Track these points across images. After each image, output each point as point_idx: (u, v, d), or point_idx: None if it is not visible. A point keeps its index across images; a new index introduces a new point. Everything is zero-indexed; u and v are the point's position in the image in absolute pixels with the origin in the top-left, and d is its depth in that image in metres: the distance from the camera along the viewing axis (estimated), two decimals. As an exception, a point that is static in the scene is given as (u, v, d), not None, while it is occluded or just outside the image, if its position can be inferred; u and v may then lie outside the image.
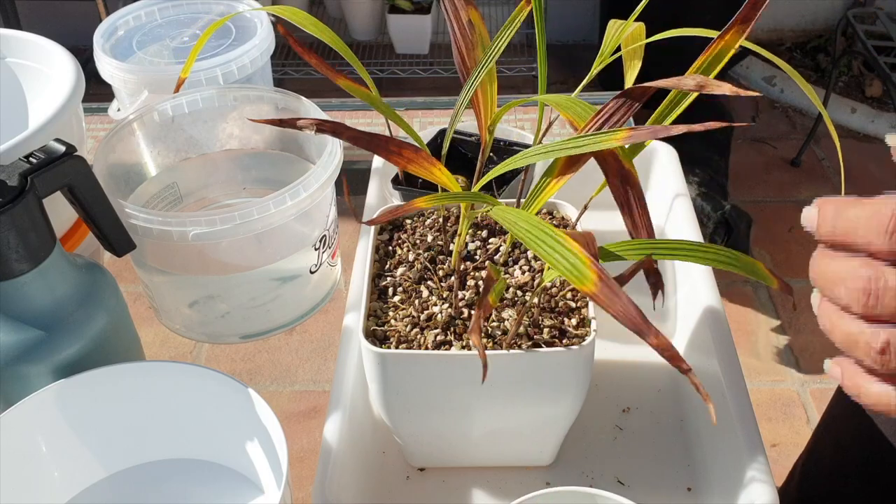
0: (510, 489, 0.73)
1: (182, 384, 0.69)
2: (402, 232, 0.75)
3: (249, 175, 0.96)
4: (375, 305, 0.68)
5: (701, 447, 0.74)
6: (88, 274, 0.71)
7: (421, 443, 0.72)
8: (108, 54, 1.02)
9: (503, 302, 0.67)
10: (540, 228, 0.50)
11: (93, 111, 1.19)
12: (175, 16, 1.10)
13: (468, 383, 0.64)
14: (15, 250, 0.63)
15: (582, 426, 0.72)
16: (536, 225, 0.50)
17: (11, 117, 0.94)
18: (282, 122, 0.55)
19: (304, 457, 0.84)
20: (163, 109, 0.91)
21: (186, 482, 0.73)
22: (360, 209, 0.91)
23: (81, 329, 0.68)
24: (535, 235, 0.50)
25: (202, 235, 0.77)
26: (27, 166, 0.64)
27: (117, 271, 0.80)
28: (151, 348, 0.91)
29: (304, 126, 0.54)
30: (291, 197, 0.78)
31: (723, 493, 0.68)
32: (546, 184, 0.58)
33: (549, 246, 0.49)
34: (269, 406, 0.64)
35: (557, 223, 0.75)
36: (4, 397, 0.67)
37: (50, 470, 0.70)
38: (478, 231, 0.74)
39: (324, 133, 0.55)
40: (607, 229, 0.98)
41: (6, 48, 0.94)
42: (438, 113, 1.25)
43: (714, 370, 0.74)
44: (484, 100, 0.64)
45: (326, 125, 0.55)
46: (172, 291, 0.87)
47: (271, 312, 0.88)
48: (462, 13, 0.64)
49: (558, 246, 0.49)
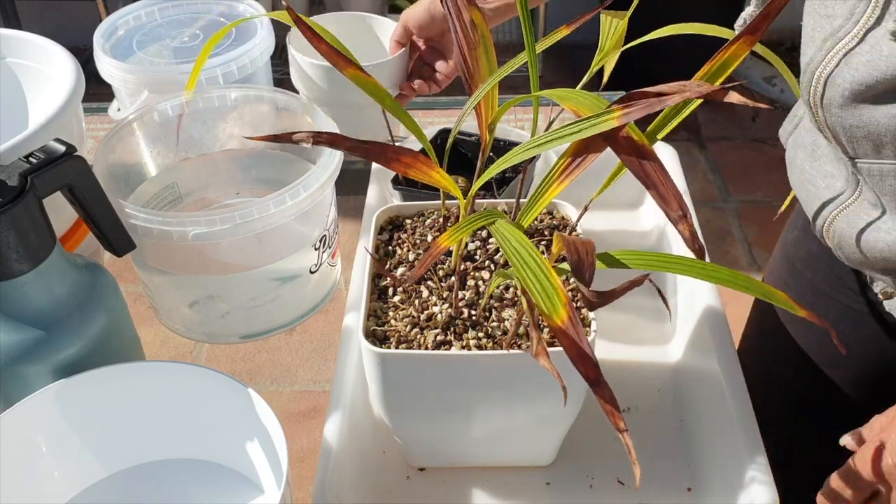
0: (510, 489, 0.73)
1: (182, 384, 0.69)
2: (402, 232, 0.75)
3: (249, 175, 0.96)
4: (375, 305, 0.68)
5: (701, 447, 0.74)
6: (88, 274, 0.71)
7: (421, 443, 0.72)
8: (108, 54, 1.02)
9: (503, 302, 0.67)
10: (528, 252, 0.50)
11: (93, 111, 1.19)
12: (175, 16, 1.10)
13: (468, 383, 0.64)
14: (15, 250, 0.63)
15: (582, 426, 0.72)
16: (526, 248, 0.51)
17: (11, 117, 0.94)
18: (276, 137, 0.55)
19: (304, 457, 0.84)
20: (163, 109, 0.91)
21: (186, 482, 0.73)
22: (360, 209, 0.91)
23: (81, 329, 0.68)
24: (522, 258, 0.50)
25: (202, 235, 0.77)
26: (27, 166, 0.64)
27: (117, 271, 0.80)
28: (151, 348, 0.91)
29: (301, 140, 0.54)
30: (291, 197, 0.78)
31: (723, 493, 0.68)
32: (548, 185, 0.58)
33: (531, 271, 0.49)
34: (269, 406, 0.64)
35: (557, 223, 0.75)
36: (4, 397, 0.67)
37: (50, 470, 0.70)
38: (478, 231, 0.74)
39: (321, 145, 0.55)
40: (607, 229, 0.98)
41: (6, 48, 0.94)
42: (438, 113, 1.25)
43: (714, 370, 0.74)
44: (485, 99, 0.64)
45: (323, 137, 0.55)
46: (172, 291, 0.87)
47: (271, 312, 0.88)
48: (464, 13, 0.64)
49: (540, 274, 0.49)
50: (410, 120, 0.66)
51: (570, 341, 0.47)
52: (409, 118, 0.66)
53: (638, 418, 0.78)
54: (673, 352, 0.84)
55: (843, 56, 0.60)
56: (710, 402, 0.74)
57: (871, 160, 0.62)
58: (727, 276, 0.52)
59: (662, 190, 0.50)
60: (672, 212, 0.50)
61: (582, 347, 0.47)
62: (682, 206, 0.50)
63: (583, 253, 0.49)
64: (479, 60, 0.64)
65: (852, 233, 0.67)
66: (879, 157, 0.61)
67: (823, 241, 0.72)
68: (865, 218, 0.66)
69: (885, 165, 0.61)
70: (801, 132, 0.74)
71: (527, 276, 0.49)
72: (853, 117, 0.61)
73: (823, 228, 0.70)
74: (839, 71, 0.60)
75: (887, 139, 0.60)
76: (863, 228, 0.66)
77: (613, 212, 1.00)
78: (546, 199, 0.57)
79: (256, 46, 1.01)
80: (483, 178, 0.60)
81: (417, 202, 0.77)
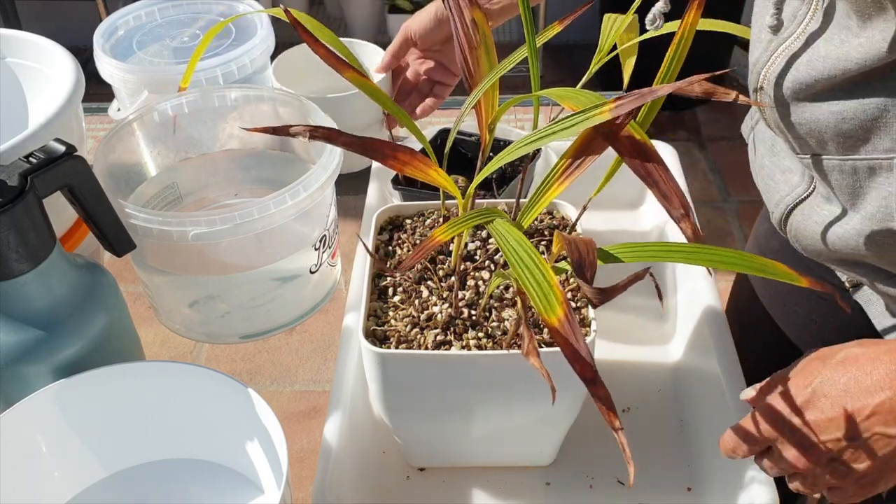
0: (510, 489, 0.73)
1: (182, 384, 0.69)
2: (402, 232, 0.75)
3: (249, 175, 0.96)
4: (375, 305, 0.68)
5: (701, 447, 0.74)
6: (88, 274, 0.71)
7: (421, 443, 0.72)
8: (108, 54, 1.02)
9: (503, 302, 0.67)
10: (525, 251, 0.50)
11: (93, 111, 1.19)
12: (175, 16, 1.10)
13: (468, 383, 0.64)
14: (15, 250, 0.63)
15: (582, 426, 0.72)
16: (524, 247, 0.51)
17: (11, 117, 0.94)
18: (275, 129, 0.55)
19: (304, 457, 0.84)
20: (163, 109, 0.91)
21: (186, 482, 0.73)
22: (360, 209, 0.91)
23: (81, 329, 0.68)
24: (520, 257, 0.50)
25: (202, 235, 0.77)
26: (27, 166, 0.64)
27: (117, 271, 0.80)
28: (151, 348, 0.91)
29: (297, 133, 0.54)
30: (291, 197, 0.78)
31: (723, 493, 0.68)
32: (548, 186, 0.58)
33: (528, 270, 0.49)
34: (269, 406, 0.64)
35: (557, 223, 0.75)
36: (4, 397, 0.67)
37: (50, 470, 0.70)
38: (478, 231, 0.74)
39: (317, 139, 0.55)
40: (607, 229, 0.98)
41: (6, 48, 0.94)
42: (439, 113, 1.25)
43: (714, 370, 0.74)
44: (485, 99, 0.64)
45: (319, 131, 0.55)
46: (172, 291, 0.87)
47: (271, 312, 0.88)
48: (466, 13, 0.64)
49: (537, 273, 0.49)
50: (410, 121, 0.66)
51: (565, 340, 0.47)
52: (408, 119, 0.66)
53: (638, 418, 0.78)
54: (673, 352, 0.84)
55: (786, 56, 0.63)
56: (710, 402, 0.74)
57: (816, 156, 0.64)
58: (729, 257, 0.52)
59: (664, 188, 0.50)
60: (674, 209, 0.50)
61: (577, 347, 0.47)
62: (683, 204, 0.50)
63: (584, 252, 0.49)
64: (480, 60, 0.64)
65: (807, 226, 0.69)
66: (824, 152, 0.63)
67: (782, 233, 0.74)
68: (818, 211, 0.68)
69: (829, 161, 0.63)
70: (761, 127, 0.76)
71: (524, 274, 0.49)
72: (796, 115, 0.63)
73: (781, 221, 0.73)
74: (782, 71, 0.63)
75: (828, 135, 0.61)
76: (816, 221, 0.68)
77: (613, 211, 1.00)
78: (546, 200, 0.57)
79: (256, 46, 1.01)
80: (481, 176, 0.60)
81: (417, 202, 0.77)
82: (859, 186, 0.62)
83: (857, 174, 0.61)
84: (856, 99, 0.59)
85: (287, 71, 1.04)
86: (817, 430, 0.58)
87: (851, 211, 0.64)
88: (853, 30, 0.57)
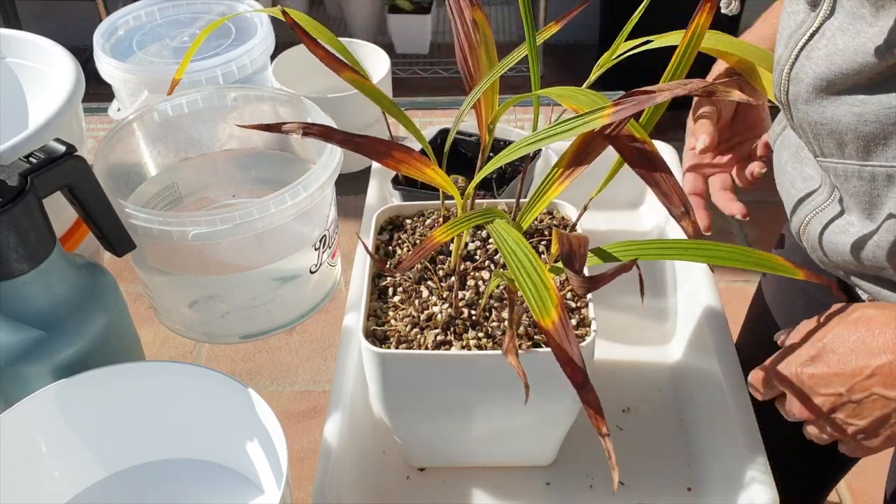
0: (510, 489, 0.73)
1: (182, 384, 0.69)
2: (402, 232, 0.75)
3: (249, 175, 0.96)
4: (375, 305, 0.68)
5: (701, 447, 0.74)
6: (88, 274, 0.71)
7: (421, 443, 0.72)
8: (108, 54, 1.02)
9: (503, 302, 0.67)
10: (524, 252, 0.50)
11: (93, 111, 1.19)
12: (175, 16, 1.10)
13: (468, 383, 0.64)
14: (15, 250, 0.63)
15: (582, 426, 0.72)
16: (522, 248, 0.51)
17: (11, 117, 0.94)
18: (269, 126, 0.54)
19: (304, 457, 0.84)
20: (163, 109, 0.91)
21: (186, 482, 0.73)
22: (360, 209, 0.91)
23: (81, 329, 0.68)
24: (518, 258, 0.50)
25: (202, 235, 0.77)
26: (27, 166, 0.64)
27: (117, 271, 0.80)
28: (151, 348, 0.91)
29: (291, 130, 0.54)
30: (291, 197, 0.78)
31: (723, 493, 0.68)
32: (548, 186, 0.58)
33: (525, 271, 0.49)
34: (269, 406, 0.64)
35: (557, 223, 0.75)
36: (4, 397, 0.67)
37: (50, 470, 0.70)
38: (478, 231, 0.74)
39: (311, 136, 0.54)
40: (607, 229, 0.98)
41: (6, 48, 0.94)
42: (439, 113, 1.25)
43: (714, 370, 0.74)
44: (485, 99, 0.64)
45: (314, 129, 0.54)
46: (172, 291, 0.87)
47: (271, 312, 0.88)
48: (467, 13, 0.64)
49: (534, 274, 0.49)
50: (409, 121, 0.66)
51: (558, 344, 0.47)
52: (407, 119, 0.66)
53: (638, 418, 0.78)
54: (673, 352, 0.84)
55: (804, 49, 0.62)
56: (710, 402, 0.74)
57: (836, 160, 0.64)
58: (727, 252, 0.53)
59: (664, 186, 0.50)
60: (674, 208, 0.50)
61: (570, 351, 0.47)
62: (684, 203, 0.50)
63: (575, 245, 0.49)
64: (480, 60, 0.64)
65: (825, 235, 0.69)
66: (843, 156, 0.63)
67: (800, 242, 0.73)
68: (837, 221, 0.67)
69: (848, 166, 0.63)
70: (788, 133, 0.75)
71: (521, 276, 0.49)
72: (817, 113, 0.63)
73: (800, 230, 0.72)
74: (801, 66, 0.63)
75: (848, 137, 0.61)
76: (834, 231, 0.68)
77: (613, 212, 1.00)
78: (546, 200, 0.57)
79: (256, 46, 1.01)
80: (480, 175, 0.60)
81: (417, 202, 0.77)
82: (877, 195, 0.62)
83: (876, 181, 0.61)
84: (876, 95, 0.58)
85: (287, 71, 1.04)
86: (821, 382, 0.60)
87: (869, 220, 0.64)
88: (867, 18, 0.57)
